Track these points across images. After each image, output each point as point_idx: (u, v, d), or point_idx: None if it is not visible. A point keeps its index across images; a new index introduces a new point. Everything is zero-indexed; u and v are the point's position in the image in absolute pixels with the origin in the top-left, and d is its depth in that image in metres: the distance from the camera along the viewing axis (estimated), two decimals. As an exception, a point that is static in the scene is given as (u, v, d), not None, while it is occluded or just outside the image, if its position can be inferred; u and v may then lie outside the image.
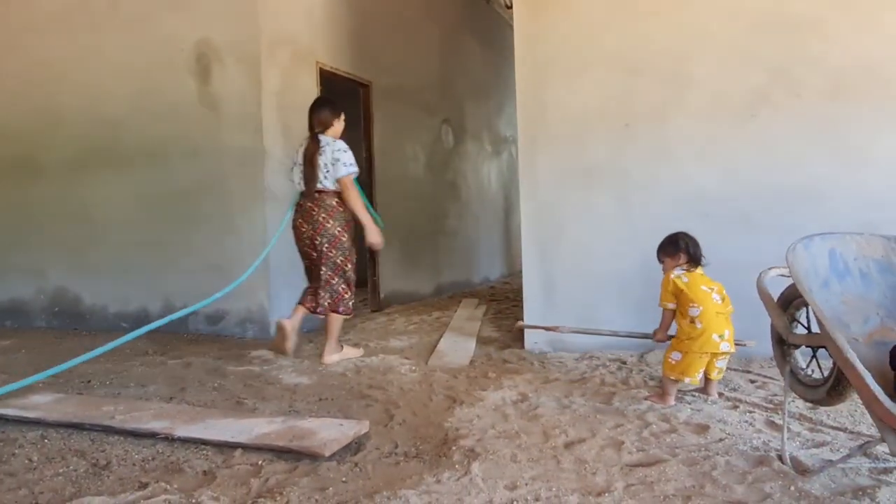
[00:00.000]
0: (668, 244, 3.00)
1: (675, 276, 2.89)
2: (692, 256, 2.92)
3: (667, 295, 2.91)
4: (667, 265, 2.98)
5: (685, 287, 2.85)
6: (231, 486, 2.08)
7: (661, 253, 3.01)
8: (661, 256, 3.02)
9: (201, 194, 4.98)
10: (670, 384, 2.86)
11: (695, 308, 2.80)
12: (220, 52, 4.90)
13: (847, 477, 1.99)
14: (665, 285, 2.92)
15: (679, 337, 2.88)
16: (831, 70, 3.53)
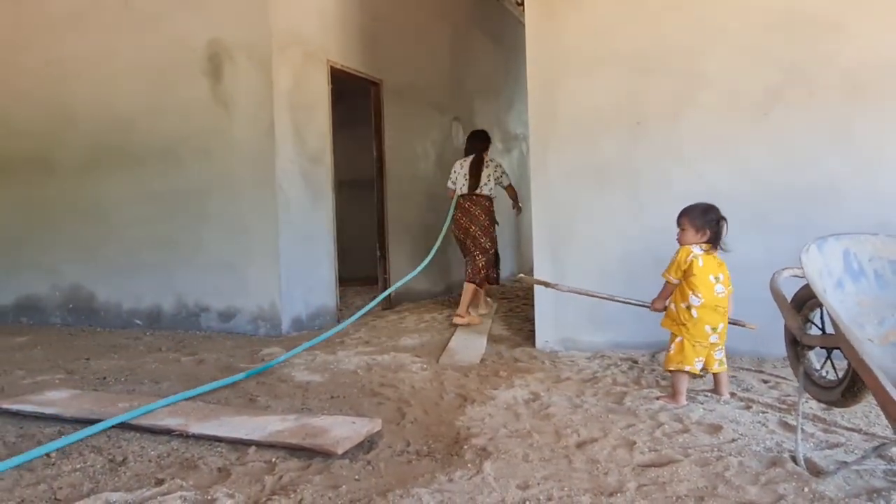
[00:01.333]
0: (699, 214, 2.83)
1: (693, 255, 2.79)
2: (717, 238, 2.80)
3: (676, 269, 2.82)
4: (686, 236, 2.84)
5: (698, 272, 2.78)
6: (245, 483, 2.09)
7: (687, 220, 2.85)
8: (684, 223, 2.86)
9: (213, 192, 5.02)
10: (678, 382, 2.85)
11: (696, 297, 2.77)
12: (231, 52, 4.92)
13: (861, 479, 1.98)
14: (679, 259, 2.82)
15: (668, 320, 2.88)
16: (845, 69, 3.50)
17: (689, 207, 2.88)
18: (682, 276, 2.82)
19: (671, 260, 2.87)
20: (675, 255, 2.85)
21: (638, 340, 3.83)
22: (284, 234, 4.85)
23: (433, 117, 7.10)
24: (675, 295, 2.87)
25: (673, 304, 2.88)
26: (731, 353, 3.58)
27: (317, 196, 5.25)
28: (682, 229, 2.87)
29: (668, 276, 2.86)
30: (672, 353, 2.84)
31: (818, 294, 1.94)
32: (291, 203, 4.95)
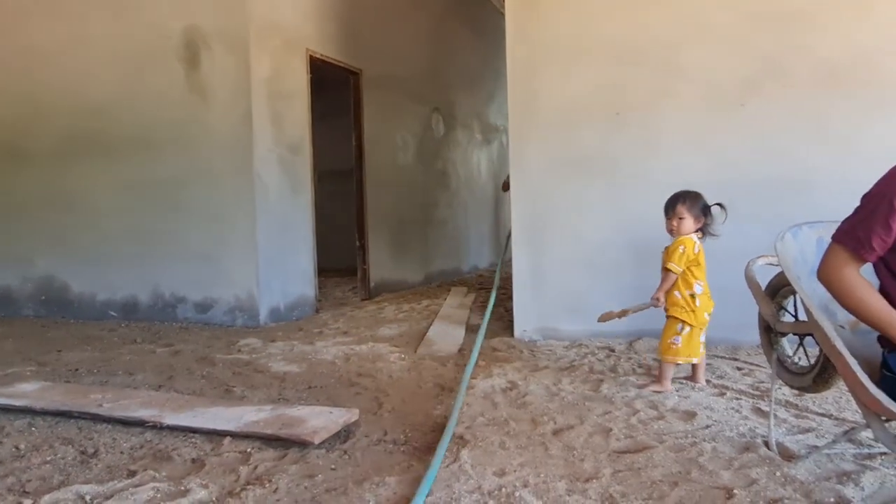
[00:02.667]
0: (696, 202, 2.83)
1: (697, 244, 2.81)
2: (708, 227, 2.84)
3: (682, 259, 2.79)
4: (685, 225, 2.81)
5: (702, 261, 2.80)
6: (220, 473, 2.07)
7: (686, 208, 2.81)
8: (682, 211, 2.82)
9: (190, 182, 4.95)
10: (670, 369, 2.86)
11: (699, 285, 2.81)
12: (208, 39, 4.84)
13: (832, 462, 2.01)
14: (689, 250, 2.79)
15: (677, 308, 2.83)
16: (821, 60, 3.54)
17: (684, 195, 2.85)
18: (685, 266, 2.82)
19: (673, 251, 2.83)
20: (679, 246, 2.82)
21: (615, 329, 3.84)
22: (262, 223, 4.79)
23: (413, 108, 7.06)
24: (678, 284, 2.85)
25: (677, 292, 2.85)
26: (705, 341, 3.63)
27: (296, 186, 5.20)
28: (679, 218, 2.83)
29: (674, 266, 2.81)
30: (681, 346, 2.82)
31: (792, 281, 1.95)
32: (270, 193, 4.89)
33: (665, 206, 2.90)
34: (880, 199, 1.58)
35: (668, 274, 2.84)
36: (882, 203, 1.57)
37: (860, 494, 1.79)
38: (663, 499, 1.80)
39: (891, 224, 1.56)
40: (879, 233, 1.59)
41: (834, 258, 1.66)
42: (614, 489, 1.87)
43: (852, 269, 1.63)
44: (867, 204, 1.63)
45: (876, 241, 1.59)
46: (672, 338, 2.85)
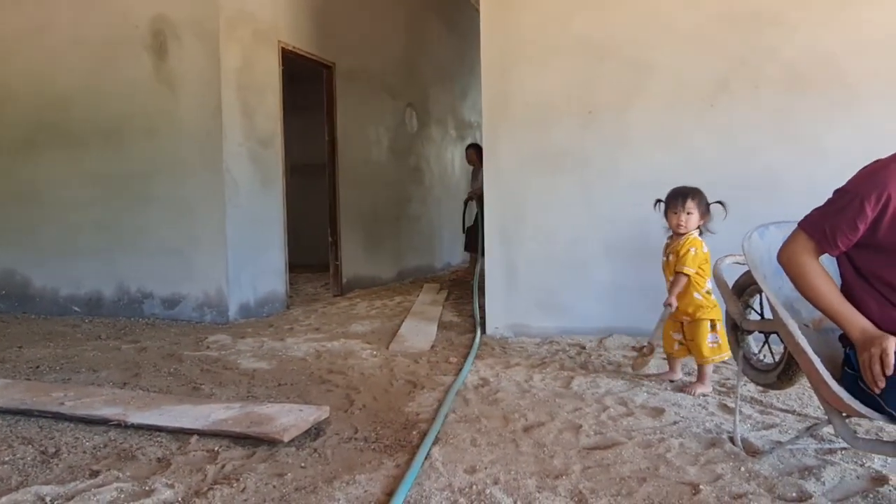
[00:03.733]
0: (703, 196, 2.82)
1: (704, 243, 2.82)
2: (708, 225, 2.85)
3: (695, 261, 2.77)
4: (692, 220, 2.78)
5: (709, 257, 2.79)
6: (186, 472, 2.03)
7: (696, 204, 2.79)
8: (692, 206, 2.78)
9: (157, 175, 4.85)
10: (710, 368, 2.85)
11: (710, 281, 2.78)
12: (177, 29, 4.74)
13: (794, 458, 2.05)
14: (700, 251, 2.79)
15: (705, 310, 2.79)
16: (787, 61, 3.61)
17: (693, 190, 2.81)
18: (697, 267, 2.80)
19: (684, 253, 2.78)
20: (690, 248, 2.78)
21: (586, 326, 3.89)
22: (232, 218, 4.72)
23: (387, 103, 7.02)
24: (694, 285, 2.80)
25: (697, 294, 2.81)
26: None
27: (266, 180, 5.13)
28: (688, 213, 2.78)
29: (689, 269, 2.77)
30: (718, 345, 2.77)
31: (758, 281, 1.99)
32: (240, 187, 4.82)
33: (671, 199, 2.84)
34: (852, 197, 1.61)
35: (680, 277, 2.79)
36: (853, 202, 1.60)
37: (821, 489, 1.83)
38: (632, 495, 1.82)
39: (857, 224, 1.60)
40: (845, 231, 1.62)
41: (796, 244, 1.70)
42: (584, 486, 1.88)
43: (811, 256, 1.67)
44: (839, 199, 1.65)
45: (841, 239, 1.63)
46: (710, 338, 2.79)
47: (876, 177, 1.59)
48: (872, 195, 1.56)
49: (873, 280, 1.66)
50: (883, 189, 1.56)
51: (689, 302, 2.83)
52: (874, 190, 1.57)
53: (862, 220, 1.58)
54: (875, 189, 1.57)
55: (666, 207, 2.86)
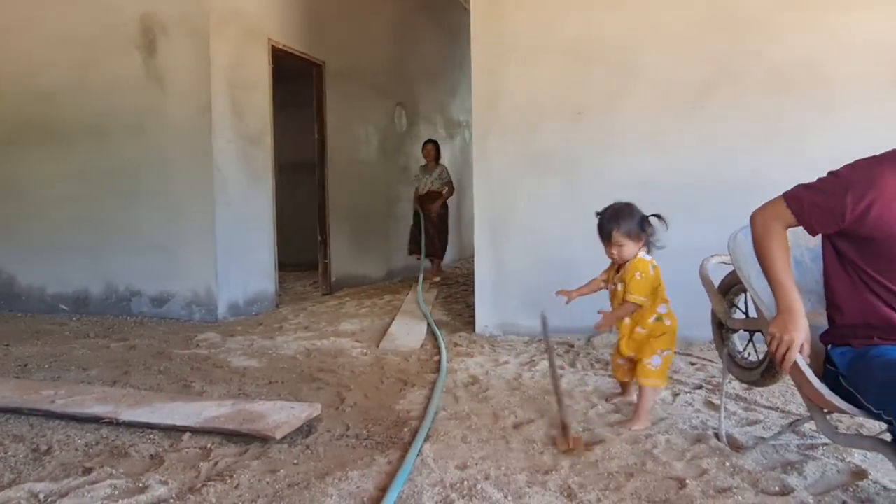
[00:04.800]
0: (637, 219, 2.43)
1: (651, 264, 2.46)
2: (651, 240, 2.48)
3: (644, 288, 2.41)
4: (625, 251, 2.43)
5: (660, 279, 2.46)
6: (180, 469, 2.05)
7: (623, 234, 2.41)
8: (619, 238, 2.42)
9: (146, 172, 4.83)
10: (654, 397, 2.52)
11: (664, 306, 2.47)
12: (166, 26, 4.73)
13: (777, 453, 2.11)
14: (642, 276, 2.41)
15: (661, 334, 2.44)
16: (772, 66, 3.67)
17: (615, 217, 2.43)
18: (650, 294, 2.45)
19: (629, 279, 2.43)
20: (635, 273, 2.42)
21: (574, 325, 3.92)
22: (221, 216, 4.72)
23: (376, 101, 7.03)
24: (646, 313, 2.45)
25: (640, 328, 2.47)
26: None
27: (256, 178, 5.13)
28: (619, 246, 2.43)
29: (638, 298, 2.42)
30: (659, 369, 2.41)
31: (743, 280, 2.04)
32: (229, 184, 4.81)
33: (599, 233, 2.49)
34: (839, 184, 1.64)
35: (627, 305, 2.45)
36: (838, 189, 1.64)
37: (803, 483, 1.88)
38: (619, 489, 1.86)
39: (834, 210, 1.64)
40: (820, 219, 1.68)
41: (773, 208, 1.77)
42: (573, 481, 1.92)
43: (781, 224, 1.74)
44: (827, 182, 1.69)
45: (814, 218, 1.69)
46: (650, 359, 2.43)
47: (868, 172, 1.62)
48: (858, 189, 1.60)
49: (854, 268, 1.70)
50: (870, 186, 1.59)
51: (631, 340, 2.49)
52: (861, 184, 1.60)
53: (839, 207, 1.62)
54: (863, 183, 1.60)
55: None
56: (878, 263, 1.66)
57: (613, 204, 2.51)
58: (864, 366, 1.63)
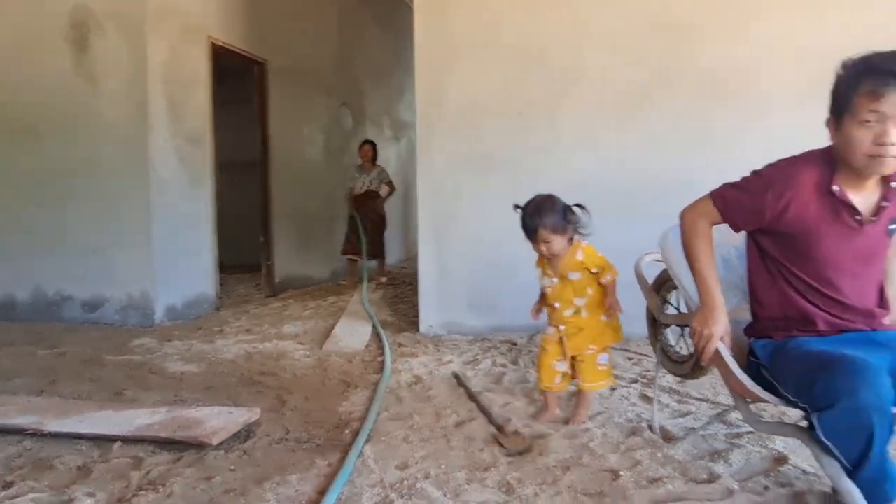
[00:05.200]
0: (559, 210, 2.34)
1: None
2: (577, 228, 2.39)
3: (603, 260, 2.39)
4: (554, 246, 2.33)
5: None
6: (108, 480, 1.97)
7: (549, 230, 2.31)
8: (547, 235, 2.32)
9: (78, 173, 4.64)
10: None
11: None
12: (100, 20, 4.56)
13: (706, 442, 2.19)
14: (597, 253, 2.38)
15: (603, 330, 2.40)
16: (704, 70, 3.80)
17: (538, 212, 2.34)
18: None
19: (594, 260, 2.38)
20: (587, 255, 2.38)
21: (516, 324, 3.98)
22: (159, 218, 4.57)
23: (321, 101, 6.95)
24: (596, 301, 2.39)
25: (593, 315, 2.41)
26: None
27: (195, 178, 4.99)
28: (545, 242, 2.34)
29: (614, 270, 2.39)
30: (608, 367, 2.42)
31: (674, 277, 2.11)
32: (167, 185, 4.67)
33: (524, 230, 2.40)
34: (761, 183, 1.73)
35: (613, 280, 2.38)
36: (759, 188, 1.72)
37: (729, 470, 1.96)
38: (556, 483, 1.89)
39: (755, 207, 1.72)
40: (743, 217, 1.77)
41: (700, 206, 1.85)
42: (511, 476, 1.94)
43: (707, 221, 1.82)
44: (750, 180, 1.77)
45: (738, 214, 1.78)
46: (599, 356, 2.41)
47: (787, 171, 1.71)
48: (778, 187, 1.69)
49: (774, 264, 1.79)
50: (788, 185, 1.68)
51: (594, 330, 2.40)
52: (781, 183, 1.69)
53: (760, 205, 1.71)
54: (782, 182, 1.69)
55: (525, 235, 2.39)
56: (796, 259, 1.75)
57: (534, 198, 2.41)
58: (783, 357, 1.71)
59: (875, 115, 1.53)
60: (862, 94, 1.54)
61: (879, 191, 1.68)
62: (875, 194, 1.68)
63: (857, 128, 1.57)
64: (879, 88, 1.51)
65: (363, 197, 6.62)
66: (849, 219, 1.67)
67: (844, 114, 1.59)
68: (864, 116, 1.54)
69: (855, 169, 1.62)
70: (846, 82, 1.59)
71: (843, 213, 1.67)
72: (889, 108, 1.51)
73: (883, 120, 1.52)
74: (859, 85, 1.55)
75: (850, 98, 1.57)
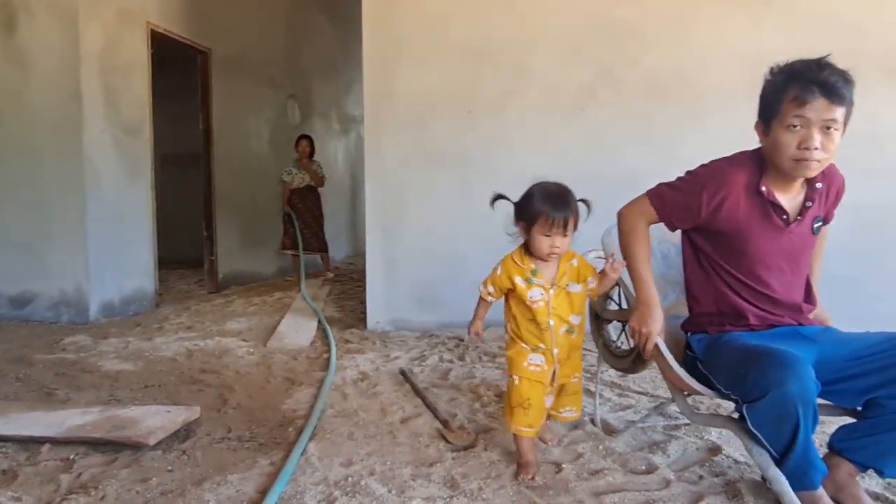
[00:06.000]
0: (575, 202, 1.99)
1: None
2: None
3: None
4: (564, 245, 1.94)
5: None
6: (36, 484, 1.89)
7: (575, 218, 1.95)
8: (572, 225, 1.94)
9: (4, 163, 4.41)
10: None
11: None
12: (28, 2, 4.33)
13: (646, 434, 2.25)
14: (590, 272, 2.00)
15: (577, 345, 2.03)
16: (647, 72, 3.90)
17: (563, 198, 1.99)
18: None
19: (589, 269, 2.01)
20: (584, 262, 2.03)
21: (464, 320, 3.97)
22: (93, 211, 4.39)
23: (266, 93, 6.80)
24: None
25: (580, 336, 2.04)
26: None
27: (133, 170, 4.81)
28: (565, 237, 1.94)
29: None
30: None
31: (615, 273, 2.16)
32: (102, 177, 4.49)
33: (545, 220, 1.93)
34: (695, 183, 1.79)
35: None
36: (694, 187, 1.78)
37: (666, 461, 2.03)
38: (500, 477, 1.91)
39: (690, 206, 1.79)
40: (679, 216, 1.84)
41: (637, 206, 1.92)
42: (456, 471, 1.95)
43: (644, 220, 1.89)
44: (685, 181, 1.84)
45: (673, 213, 1.84)
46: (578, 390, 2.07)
47: (720, 171, 1.78)
48: (712, 187, 1.76)
49: (707, 261, 1.86)
50: (722, 184, 1.75)
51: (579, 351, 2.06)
52: (714, 183, 1.76)
53: (695, 204, 1.77)
54: (715, 183, 1.76)
55: (531, 221, 1.96)
56: (728, 255, 1.82)
57: (544, 184, 2.03)
58: (716, 351, 1.78)
59: (800, 119, 1.60)
60: (788, 100, 1.61)
61: (804, 191, 1.76)
62: (800, 195, 1.77)
63: (783, 132, 1.64)
64: (804, 95, 1.58)
65: (303, 191, 6.48)
66: (776, 218, 1.75)
67: (772, 118, 1.66)
68: (790, 121, 1.61)
69: (782, 171, 1.69)
70: (773, 88, 1.66)
71: (771, 213, 1.75)
72: (813, 114, 1.58)
73: (807, 125, 1.60)
74: (786, 91, 1.62)
75: (778, 104, 1.64)
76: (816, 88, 1.57)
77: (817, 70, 1.59)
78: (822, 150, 1.60)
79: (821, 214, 1.80)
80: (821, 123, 1.59)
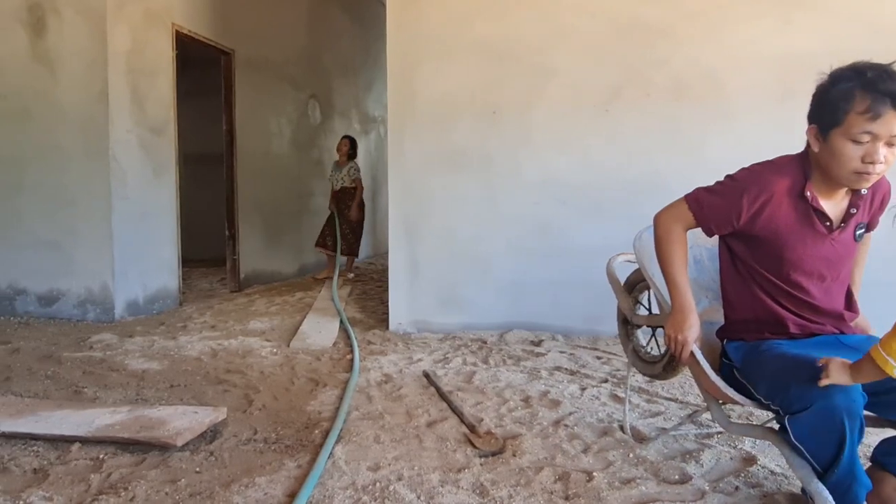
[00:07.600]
0: None
1: None
2: None
3: None
4: None
5: None
6: (67, 483, 1.90)
7: None
8: None
9: (33, 161, 4.46)
10: None
11: None
12: (57, 3, 4.38)
13: (677, 443, 2.21)
14: None
15: None
16: (675, 73, 3.84)
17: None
18: None
19: None
20: None
21: (487, 322, 3.98)
22: (119, 209, 4.43)
23: (289, 93, 6.82)
24: None
25: None
26: (568, 333, 3.84)
27: (158, 170, 4.85)
28: None
29: None
30: None
31: (647, 278, 2.12)
32: (128, 176, 4.53)
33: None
34: (736, 187, 1.73)
35: None
36: (734, 192, 1.72)
37: (700, 471, 1.98)
38: (530, 484, 1.89)
39: (730, 211, 1.73)
40: (717, 221, 1.77)
41: (675, 210, 1.85)
42: (485, 478, 1.93)
43: (681, 225, 1.82)
44: (725, 185, 1.77)
45: (713, 219, 1.78)
46: None
47: (761, 176, 1.72)
48: (753, 191, 1.69)
49: (745, 267, 1.81)
50: (763, 189, 1.69)
51: None
52: (756, 188, 1.70)
53: (735, 209, 1.72)
54: (757, 187, 1.70)
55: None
56: (767, 261, 1.77)
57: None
58: (755, 359, 1.73)
59: (868, 135, 1.51)
60: (858, 112, 1.51)
61: (849, 198, 1.71)
62: (844, 201, 1.71)
63: (846, 144, 1.54)
64: (878, 108, 1.48)
65: (340, 194, 6.55)
66: (819, 225, 1.70)
67: (834, 127, 1.56)
68: (857, 136, 1.52)
69: (833, 179, 1.63)
70: (839, 95, 1.55)
71: (813, 219, 1.69)
72: (882, 129, 1.49)
73: (875, 140, 1.51)
74: (853, 100, 1.52)
75: (844, 113, 1.53)
76: (890, 101, 1.47)
77: (889, 80, 1.48)
78: (884, 164, 1.53)
79: (864, 221, 1.75)
80: (888, 138, 1.51)
